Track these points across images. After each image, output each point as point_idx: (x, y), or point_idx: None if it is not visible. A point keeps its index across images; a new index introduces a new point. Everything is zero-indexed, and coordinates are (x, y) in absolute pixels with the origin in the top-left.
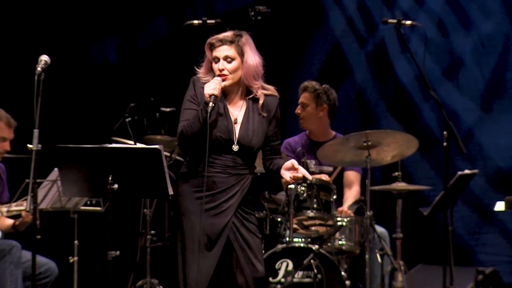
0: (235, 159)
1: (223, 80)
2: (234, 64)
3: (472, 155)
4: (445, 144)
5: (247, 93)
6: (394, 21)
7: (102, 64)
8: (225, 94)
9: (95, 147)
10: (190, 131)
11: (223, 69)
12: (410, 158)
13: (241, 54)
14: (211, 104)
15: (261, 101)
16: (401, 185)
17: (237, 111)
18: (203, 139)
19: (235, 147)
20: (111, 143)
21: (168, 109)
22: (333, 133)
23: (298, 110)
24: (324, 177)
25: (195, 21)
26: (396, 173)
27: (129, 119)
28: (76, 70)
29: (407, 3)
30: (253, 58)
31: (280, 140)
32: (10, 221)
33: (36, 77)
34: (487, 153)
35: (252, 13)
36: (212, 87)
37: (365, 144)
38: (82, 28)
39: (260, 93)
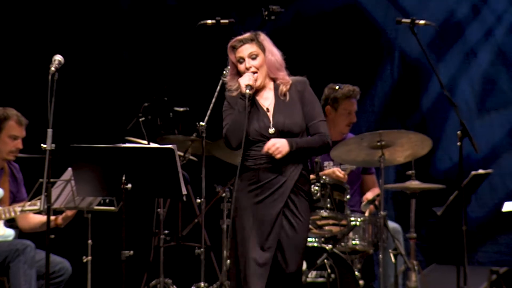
0: None
1: (255, 79)
2: (259, 59)
3: None
4: (458, 143)
5: (274, 85)
6: (408, 20)
7: (116, 61)
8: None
9: (108, 146)
10: (233, 126)
11: (250, 67)
12: None
13: (263, 49)
14: (248, 91)
15: (288, 87)
16: (414, 184)
17: (267, 101)
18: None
19: (271, 130)
20: (124, 143)
21: (181, 109)
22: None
23: (354, 118)
24: (338, 171)
25: (209, 21)
26: (410, 172)
27: (143, 118)
28: (90, 69)
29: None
30: (273, 51)
31: (319, 119)
32: (40, 218)
33: (49, 77)
34: None
35: (266, 13)
36: (247, 78)
37: (378, 144)
38: (95, 26)
39: (286, 81)
